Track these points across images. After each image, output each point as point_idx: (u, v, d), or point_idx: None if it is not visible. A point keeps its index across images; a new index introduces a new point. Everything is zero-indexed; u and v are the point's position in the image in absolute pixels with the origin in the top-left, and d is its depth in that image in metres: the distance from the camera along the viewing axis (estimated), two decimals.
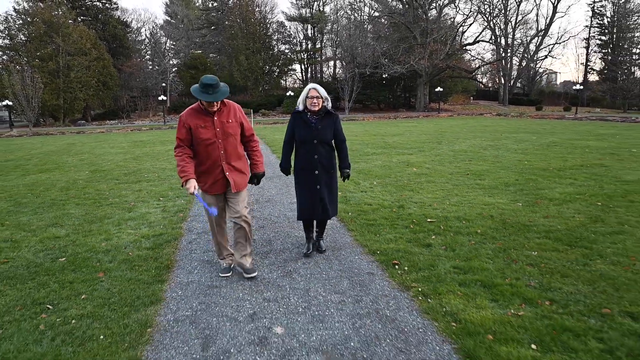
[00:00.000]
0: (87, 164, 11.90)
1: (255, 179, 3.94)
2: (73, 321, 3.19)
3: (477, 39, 49.20)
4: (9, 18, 38.90)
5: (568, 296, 3.34)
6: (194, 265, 4.24)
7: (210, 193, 3.72)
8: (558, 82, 72.20)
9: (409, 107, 51.39)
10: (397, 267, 4.00)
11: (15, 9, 40.35)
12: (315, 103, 3.97)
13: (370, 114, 42.91)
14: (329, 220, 4.81)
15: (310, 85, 4.04)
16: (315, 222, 4.44)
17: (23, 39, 39.09)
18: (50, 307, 3.43)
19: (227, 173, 3.65)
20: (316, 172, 4.07)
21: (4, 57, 39.04)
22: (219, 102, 3.55)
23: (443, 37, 45.72)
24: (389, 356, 2.65)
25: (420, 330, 2.94)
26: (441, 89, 44.63)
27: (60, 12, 39.36)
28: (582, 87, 45.36)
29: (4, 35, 39.11)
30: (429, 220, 5.45)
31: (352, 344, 2.79)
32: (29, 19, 38.78)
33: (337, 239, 4.87)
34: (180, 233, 5.29)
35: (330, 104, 4.12)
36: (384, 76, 44.62)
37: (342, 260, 4.23)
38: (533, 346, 2.69)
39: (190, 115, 3.58)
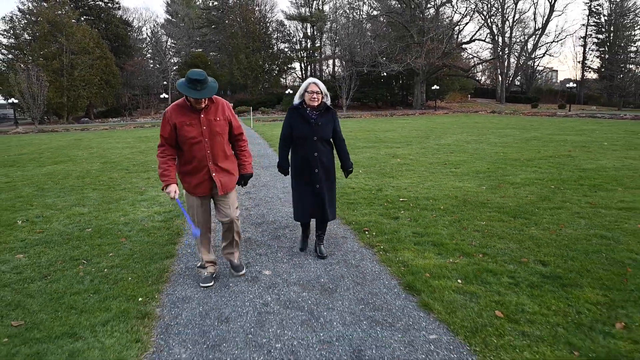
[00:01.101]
0: (97, 157, 12.78)
1: (243, 180, 3.73)
2: (105, 269, 4.05)
3: (474, 38, 49.94)
4: (14, 18, 39.77)
5: (498, 251, 4.20)
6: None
7: (195, 194, 3.54)
8: (558, 80, 72.91)
9: (406, 105, 52.28)
10: (366, 232, 4.87)
11: (19, 9, 41.27)
12: (315, 98, 3.80)
13: (367, 112, 43.76)
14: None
15: (310, 79, 3.89)
16: (316, 225, 4.25)
17: (28, 38, 39.94)
18: (85, 261, 4.29)
19: (214, 174, 3.46)
20: (316, 170, 3.89)
21: (10, 55, 39.85)
22: (204, 102, 3.35)
23: (440, 35, 46.56)
24: (349, 287, 3.52)
25: (376, 272, 3.81)
26: (438, 87, 45.52)
27: (64, 12, 40.23)
28: (575, 85, 46.14)
29: (9, 34, 39.94)
30: (401, 199, 6.31)
31: (322, 280, 3.66)
32: (33, 19, 39.63)
33: None
34: None
35: (329, 100, 3.96)
36: (382, 74, 45.49)
37: None
38: (459, 281, 3.55)
39: (175, 112, 3.37)
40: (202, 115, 3.37)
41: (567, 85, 42.97)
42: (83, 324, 3.04)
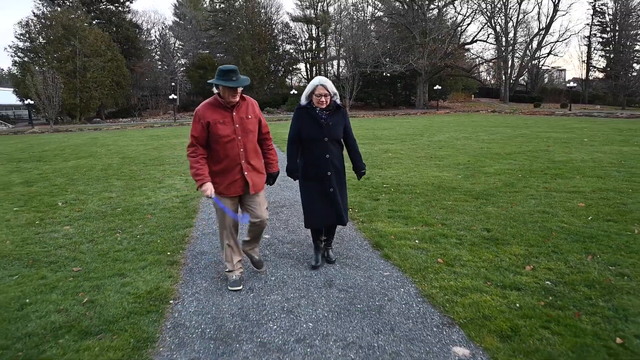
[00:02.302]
0: (115, 153, 13.88)
1: (271, 179, 3.69)
2: (138, 236, 5.07)
3: (475, 39, 50.70)
4: (30, 22, 41.13)
5: (455, 222, 5.17)
6: (212, 209, 6.12)
7: (226, 195, 3.45)
8: (567, 79, 72.80)
9: (409, 105, 53.10)
10: (350, 210, 5.86)
11: (34, 13, 42.63)
12: (322, 101, 3.64)
13: (370, 112, 44.69)
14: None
15: (317, 80, 3.67)
16: (324, 230, 4.08)
17: (42, 41, 41.28)
18: (120, 231, 5.32)
19: (246, 173, 3.40)
20: (328, 173, 3.73)
21: (25, 58, 41.25)
22: (239, 95, 3.34)
23: (444, 36, 47.44)
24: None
25: (353, 236, 4.81)
26: (440, 87, 46.35)
27: (77, 16, 41.56)
28: (575, 84, 46.71)
29: (25, 38, 41.30)
30: (384, 186, 7.30)
31: (309, 241, 4.66)
32: (47, 23, 40.98)
33: None
34: (200, 194, 7.17)
35: (338, 98, 3.81)
36: (386, 74, 46.43)
37: None
38: (416, 241, 4.53)
39: (207, 110, 3.33)
40: (235, 113, 3.35)
41: (568, 85, 43.49)
42: (127, 268, 4.06)
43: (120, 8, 51.48)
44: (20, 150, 16.37)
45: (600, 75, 59.94)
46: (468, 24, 51.80)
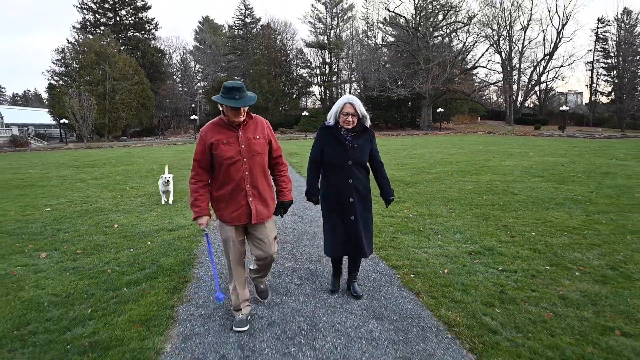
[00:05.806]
0: (151, 162, 17.25)
1: (282, 208, 3.36)
2: (185, 203, 8.23)
3: (476, 65, 53.99)
4: (65, 49, 45.77)
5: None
6: None
7: (230, 223, 3.18)
8: (583, 102, 74.54)
9: (414, 126, 56.26)
10: None
11: (69, 41, 47.37)
12: (349, 121, 3.42)
13: (377, 132, 47.87)
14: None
15: (346, 97, 3.48)
16: (348, 262, 3.82)
17: (76, 66, 45.79)
18: (171, 203, 8.48)
19: (251, 199, 3.13)
20: (351, 199, 3.50)
21: (60, 82, 45.73)
22: (246, 113, 3.07)
23: (450, 61, 50.79)
24: (302, 215, 7.62)
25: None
26: (442, 110, 49.56)
27: (107, 43, 46.07)
28: (568, 107, 49.35)
29: (60, 63, 45.88)
30: None
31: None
32: (81, 49, 45.52)
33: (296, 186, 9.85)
34: None
35: (369, 121, 3.55)
36: (393, 97, 49.85)
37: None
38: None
39: (211, 130, 3.11)
40: (241, 133, 3.09)
41: (560, 108, 46.24)
42: (184, 213, 7.21)
43: (146, 35, 56.19)
44: (72, 160, 19.90)
45: (605, 99, 62.62)
46: (469, 52, 55.07)
